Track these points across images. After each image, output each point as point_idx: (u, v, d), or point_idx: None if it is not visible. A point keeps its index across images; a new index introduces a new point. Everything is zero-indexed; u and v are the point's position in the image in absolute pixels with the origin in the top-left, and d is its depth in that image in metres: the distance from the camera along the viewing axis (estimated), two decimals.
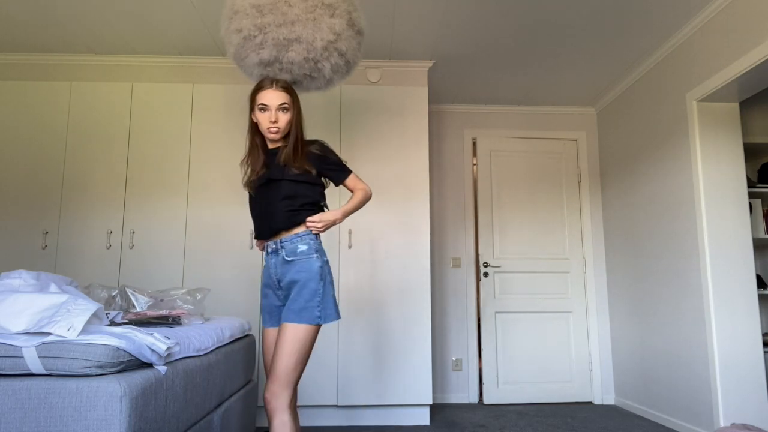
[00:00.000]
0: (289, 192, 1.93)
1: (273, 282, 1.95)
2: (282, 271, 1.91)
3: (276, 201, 1.92)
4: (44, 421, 1.33)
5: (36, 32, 3.32)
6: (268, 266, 1.97)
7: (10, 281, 1.78)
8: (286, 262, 1.90)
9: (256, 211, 2.00)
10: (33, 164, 3.49)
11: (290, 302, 1.85)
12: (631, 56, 3.60)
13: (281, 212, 1.92)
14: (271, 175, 1.94)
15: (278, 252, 1.93)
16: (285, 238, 1.92)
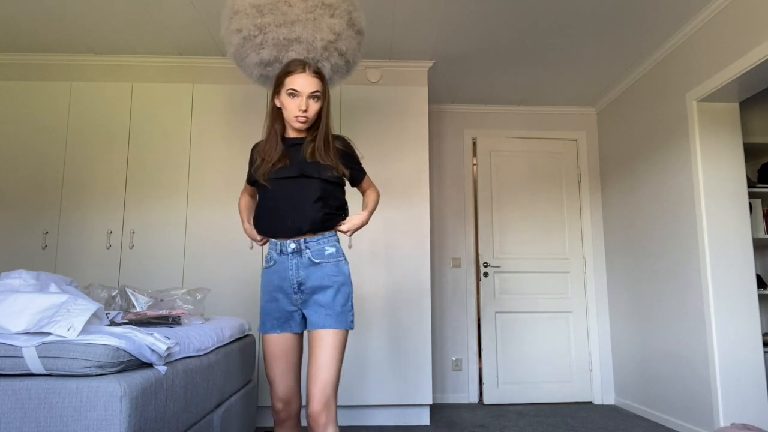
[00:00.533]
0: (323, 193, 1.79)
1: (290, 285, 1.77)
2: (306, 274, 1.76)
3: (308, 201, 1.77)
4: (44, 421, 1.33)
5: (36, 32, 3.32)
6: (284, 267, 1.78)
7: (10, 281, 1.78)
8: (312, 265, 1.76)
9: (273, 205, 1.80)
10: (33, 164, 3.49)
11: (326, 307, 1.73)
12: (631, 56, 3.60)
13: (315, 214, 1.76)
14: (303, 170, 1.78)
15: (302, 253, 1.77)
16: (310, 239, 1.78)
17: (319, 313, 1.73)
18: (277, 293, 1.80)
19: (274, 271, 1.81)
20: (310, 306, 1.76)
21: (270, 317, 1.81)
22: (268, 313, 1.81)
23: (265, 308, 1.82)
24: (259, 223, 1.86)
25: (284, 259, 1.78)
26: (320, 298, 1.74)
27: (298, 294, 1.77)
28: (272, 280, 1.81)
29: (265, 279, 1.84)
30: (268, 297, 1.82)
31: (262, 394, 3.30)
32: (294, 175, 1.78)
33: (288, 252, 1.78)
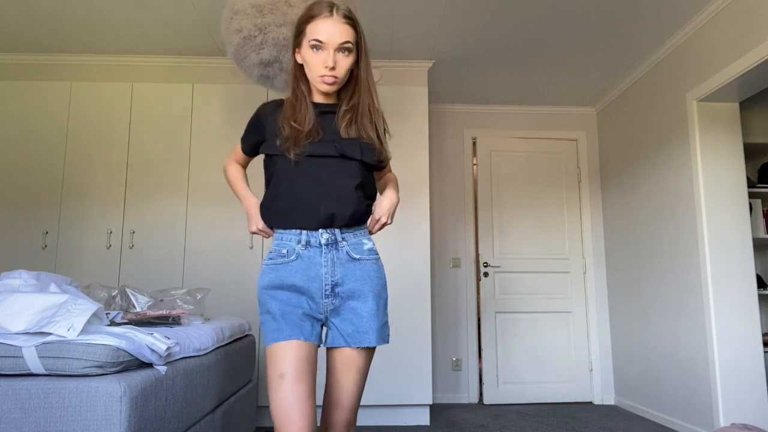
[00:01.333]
0: (364, 179, 1.46)
1: (320, 287, 1.39)
2: (343, 273, 1.41)
3: (348, 187, 1.42)
4: (44, 421, 1.33)
5: (36, 32, 3.32)
6: (313, 264, 1.40)
7: (10, 281, 1.78)
8: (351, 261, 1.43)
9: (301, 188, 1.41)
10: (33, 164, 3.49)
11: (367, 318, 1.40)
12: (631, 56, 3.60)
13: (359, 202, 1.43)
14: (343, 148, 1.42)
15: (338, 246, 1.42)
16: (347, 231, 1.44)
17: (358, 325, 1.40)
18: (296, 295, 1.39)
19: (295, 268, 1.40)
20: (343, 315, 1.41)
21: (289, 319, 1.36)
22: (285, 314, 1.37)
23: (280, 310, 1.37)
24: (276, 210, 1.45)
25: (313, 253, 1.40)
26: (359, 305, 1.41)
27: (330, 298, 1.40)
28: (290, 279, 1.39)
29: (276, 277, 1.40)
30: (282, 297, 1.39)
31: (261, 394, 3.30)
32: (331, 153, 1.42)
33: (318, 244, 1.40)
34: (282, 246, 1.43)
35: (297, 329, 1.35)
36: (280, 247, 1.43)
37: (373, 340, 1.41)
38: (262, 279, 1.42)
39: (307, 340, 1.35)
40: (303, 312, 1.38)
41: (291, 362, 1.31)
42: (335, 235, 1.42)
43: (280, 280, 1.40)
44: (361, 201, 1.44)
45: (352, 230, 1.46)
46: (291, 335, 1.34)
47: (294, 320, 1.36)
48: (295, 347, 1.33)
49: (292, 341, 1.33)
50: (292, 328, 1.35)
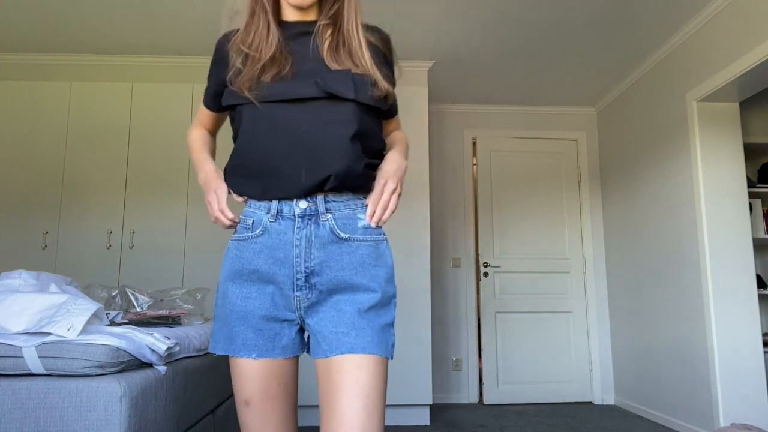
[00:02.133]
0: (362, 126, 1.06)
1: (289, 273, 1.03)
2: (324, 257, 1.03)
3: (341, 136, 1.03)
4: (44, 421, 1.33)
5: (36, 32, 3.32)
6: (282, 241, 1.04)
7: (10, 281, 1.78)
8: (336, 241, 1.04)
9: (279, 141, 1.03)
10: (33, 164, 3.49)
11: (354, 314, 1.02)
12: (631, 56, 3.60)
13: (355, 158, 1.04)
14: (326, 84, 1.02)
15: (318, 219, 1.04)
16: (335, 199, 1.06)
17: (338, 323, 1.02)
18: (261, 289, 1.05)
19: (260, 247, 1.05)
20: (325, 312, 1.04)
21: (238, 327, 1.04)
22: (232, 319, 1.05)
23: (229, 310, 1.06)
24: (239, 176, 1.09)
25: (284, 227, 1.04)
26: (344, 299, 1.04)
27: (303, 291, 1.03)
28: (252, 262, 1.05)
29: (237, 260, 1.07)
30: (236, 291, 1.05)
31: None
32: (312, 93, 1.03)
33: (292, 215, 1.04)
34: (248, 215, 1.08)
35: (250, 341, 1.04)
36: (247, 217, 1.09)
37: (362, 345, 0.98)
38: (224, 263, 1.09)
39: (263, 357, 1.03)
40: (263, 315, 1.04)
41: (254, 384, 1.04)
42: (317, 204, 1.04)
43: (241, 264, 1.06)
44: (358, 156, 1.04)
45: (342, 199, 1.06)
46: (239, 349, 1.04)
47: (244, 327, 1.04)
48: (257, 365, 1.03)
49: (241, 358, 1.04)
50: (242, 341, 1.04)
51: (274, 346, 1.05)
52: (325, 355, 1.01)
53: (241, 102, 1.06)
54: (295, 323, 1.08)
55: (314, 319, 1.05)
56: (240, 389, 1.05)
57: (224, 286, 1.08)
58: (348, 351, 0.99)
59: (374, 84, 1.07)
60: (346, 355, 0.99)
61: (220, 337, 1.07)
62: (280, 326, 1.06)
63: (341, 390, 0.97)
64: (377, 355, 1.00)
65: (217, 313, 1.09)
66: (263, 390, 1.04)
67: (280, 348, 1.06)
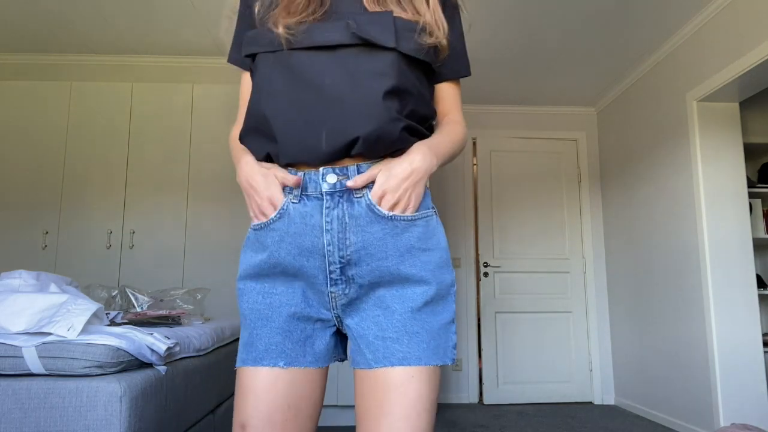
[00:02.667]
0: (402, 81, 0.85)
1: (320, 263, 0.85)
2: (363, 241, 0.84)
3: (374, 90, 0.83)
4: (44, 421, 1.33)
5: (36, 32, 3.32)
6: (309, 225, 0.84)
7: (10, 281, 1.78)
8: (377, 220, 0.84)
9: (298, 93, 0.85)
10: (33, 164, 3.49)
11: (406, 315, 0.83)
12: (631, 56, 3.60)
13: (389, 118, 0.83)
14: (361, 29, 0.83)
15: (351, 196, 0.84)
16: (368, 165, 0.86)
17: (385, 327, 0.83)
18: (286, 285, 0.87)
19: (279, 235, 0.86)
20: (368, 311, 0.86)
21: (260, 329, 0.86)
22: (252, 320, 0.87)
23: (248, 310, 0.88)
24: (252, 136, 0.90)
25: (310, 209, 0.85)
26: (392, 295, 0.85)
27: (340, 286, 0.85)
28: (273, 254, 0.86)
29: (255, 252, 0.89)
30: (257, 286, 0.88)
31: None
32: (342, 40, 0.84)
33: (319, 193, 0.84)
34: None
35: (276, 345, 0.85)
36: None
37: (416, 354, 0.81)
38: (242, 256, 0.91)
39: (293, 365, 0.84)
40: (292, 313, 0.86)
41: (257, 405, 0.82)
42: (348, 176, 0.84)
43: (259, 256, 0.88)
44: (393, 117, 0.83)
45: (377, 163, 0.86)
46: (261, 358, 0.84)
47: (269, 332, 0.85)
48: (267, 379, 0.83)
49: (263, 368, 0.84)
50: (265, 348, 0.85)
51: (305, 351, 0.86)
52: (369, 366, 0.83)
53: (261, 50, 0.88)
54: (330, 324, 0.89)
55: (355, 320, 0.86)
56: (239, 408, 0.82)
57: (242, 284, 0.90)
58: (399, 362, 0.81)
59: (424, 30, 0.86)
60: (395, 368, 0.81)
61: (240, 346, 0.88)
62: (313, 327, 0.87)
63: (385, 410, 0.79)
64: (433, 366, 0.82)
65: (241, 319, 0.90)
66: (264, 414, 0.81)
67: (312, 355, 0.86)
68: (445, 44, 0.90)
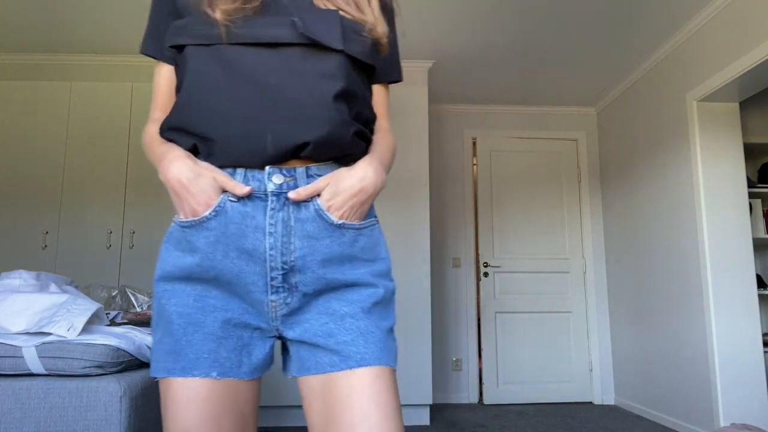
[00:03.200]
0: (350, 84, 0.82)
1: (260, 269, 0.78)
2: (309, 248, 0.78)
3: (323, 93, 0.79)
4: (44, 421, 1.33)
5: (36, 32, 3.32)
6: (248, 227, 0.77)
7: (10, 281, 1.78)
8: (324, 228, 0.79)
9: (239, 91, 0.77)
10: (33, 164, 3.49)
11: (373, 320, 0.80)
12: (631, 56, 3.60)
13: (340, 121, 0.80)
14: (308, 27, 0.78)
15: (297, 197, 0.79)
16: (320, 172, 0.81)
17: (348, 329, 0.78)
18: (220, 291, 0.79)
19: (210, 233, 0.78)
20: (314, 319, 0.80)
21: (190, 336, 0.77)
22: (180, 325, 0.77)
23: (174, 314, 0.78)
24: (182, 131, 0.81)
25: (251, 208, 0.78)
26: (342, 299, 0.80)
27: (281, 294, 0.79)
28: (204, 258, 0.78)
29: (183, 251, 0.79)
30: (187, 288, 0.79)
31: (262, 394, 3.30)
32: (287, 38, 0.78)
33: (263, 192, 0.78)
34: None
35: (208, 354, 0.76)
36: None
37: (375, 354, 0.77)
38: (162, 254, 0.81)
39: (227, 376, 0.77)
40: (227, 318, 0.78)
41: (191, 418, 0.74)
42: (296, 179, 0.78)
43: (188, 258, 0.78)
44: (345, 120, 0.80)
45: (328, 168, 0.81)
46: (189, 368, 0.75)
47: (206, 336, 0.77)
48: (198, 391, 0.75)
49: (193, 380, 0.75)
50: (195, 356, 0.76)
51: (240, 362, 0.77)
52: (324, 370, 0.76)
53: (193, 42, 0.79)
54: (270, 334, 0.81)
55: (297, 332, 0.80)
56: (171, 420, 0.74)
57: (166, 285, 0.79)
58: (358, 364, 0.75)
59: (367, 30, 0.83)
60: (356, 370, 0.75)
61: (160, 353, 0.77)
62: (251, 335, 0.79)
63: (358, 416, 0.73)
64: (391, 366, 0.78)
65: (157, 322, 0.79)
66: (215, 420, 0.75)
67: (249, 366, 0.78)
68: (385, 43, 0.87)
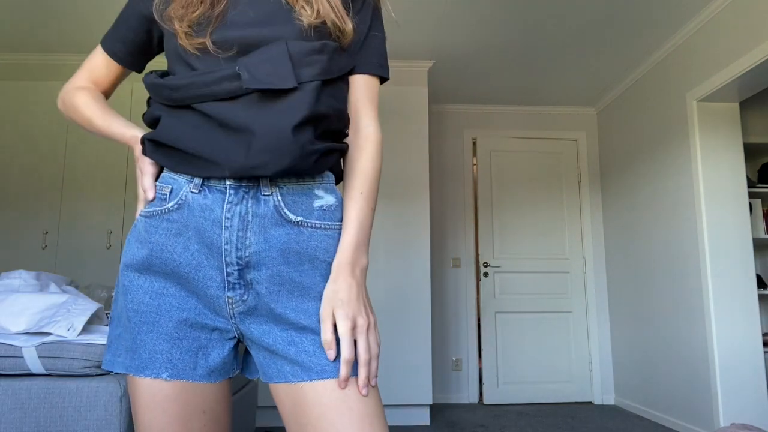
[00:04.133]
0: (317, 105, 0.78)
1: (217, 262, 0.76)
2: (264, 244, 0.76)
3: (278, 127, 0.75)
4: (44, 421, 1.33)
5: (36, 32, 3.32)
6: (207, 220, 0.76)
7: (10, 281, 1.78)
8: (282, 224, 0.77)
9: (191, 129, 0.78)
10: (33, 164, 3.49)
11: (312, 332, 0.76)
12: (631, 56, 3.60)
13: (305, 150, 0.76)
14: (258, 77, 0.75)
15: (258, 193, 0.77)
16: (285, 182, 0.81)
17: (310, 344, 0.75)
18: (177, 287, 0.78)
19: (171, 225, 0.78)
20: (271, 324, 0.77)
21: (144, 335, 0.77)
22: (136, 323, 0.77)
23: (131, 310, 0.77)
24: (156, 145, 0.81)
25: (210, 201, 0.77)
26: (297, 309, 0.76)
27: (238, 289, 0.77)
28: (164, 246, 0.78)
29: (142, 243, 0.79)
30: (144, 284, 0.78)
31: (262, 394, 3.30)
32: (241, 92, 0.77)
33: (223, 186, 0.77)
34: (166, 182, 0.80)
35: (161, 354, 0.75)
36: (164, 184, 0.80)
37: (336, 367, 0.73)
38: (126, 247, 0.81)
39: (180, 378, 0.75)
40: (183, 318, 0.77)
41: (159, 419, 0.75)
42: (258, 184, 0.77)
43: (149, 249, 0.77)
44: (306, 150, 0.76)
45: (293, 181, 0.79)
46: (146, 365, 0.75)
47: (160, 335, 0.76)
48: (170, 390, 0.75)
49: (145, 379, 0.75)
50: (151, 352, 0.75)
51: (196, 364, 0.76)
52: (287, 379, 0.74)
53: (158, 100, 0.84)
54: (230, 336, 0.79)
55: (256, 333, 0.77)
56: (146, 423, 0.75)
57: (125, 278, 0.78)
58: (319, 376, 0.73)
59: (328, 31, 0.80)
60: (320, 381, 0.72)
61: (119, 348, 0.77)
62: (208, 337, 0.77)
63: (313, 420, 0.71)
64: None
65: (115, 316, 0.80)
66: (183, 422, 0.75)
67: (206, 369, 0.77)
68: (349, 29, 0.81)
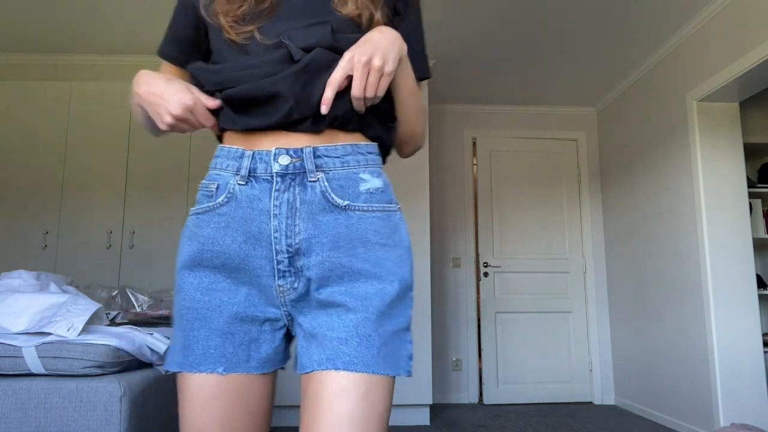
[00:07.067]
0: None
1: (267, 252, 0.77)
2: (314, 231, 0.77)
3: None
4: (44, 421, 1.33)
5: (36, 32, 3.32)
6: (255, 211, 0.77)
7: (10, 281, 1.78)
8: (331, 209, 0.77)
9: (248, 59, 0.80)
10: (33, 164, 3.49)
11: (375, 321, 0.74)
12: (631, 56, 3.60)
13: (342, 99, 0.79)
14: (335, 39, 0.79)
15: (304, 179, 0.77)
16: (327, 153, 0.78)
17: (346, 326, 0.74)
18: (228, 281, 0.78)
19: (222, 219, 0.78)
20: (320, 309, 0.77)
21: (197, 331, 0.77)
22: (189, 320, 0.78)
23: (184, 308, 0.79)
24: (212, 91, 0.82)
25: (257, 191, 0.77)
26: (346, 292, 0.76)
27: (288, 278, 0.77)
28: (215, 240, 0.78)
29: (192, 238, 0.80)
30: (195, 281, 0.79)
31: None
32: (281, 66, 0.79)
33: (269, 174, 0.77)
34: (212, 179, 0.81)
35: (214, 349, 0.76)
36: (209, 181, 0.81)
37: (364, 360, 0.72)
38: (180, 247, 0.81)
39: (234, 371, 0.76)
40: (234, 313, 0.77)
41: (212, 413, 0.75)
42: (303, 158, 0.77)
43: (200, 244, 0.78)
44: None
45: (337, 153, 0.79)
46: (199, 363, 0.76)
47: (208, 333, 0.76)
48: (206, 387, 0.75)
49: (201, 374, 0.76)
50: (202, 350, 0.76)
51: (249, 356, 0.77)
52: (313, 369, 0.73)
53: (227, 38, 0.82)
54: (280, 325, 0.80)
55: (307, 318, 0.77)
56: (185, 418, 0.75)
57: (179, 278, 0.79)
58: (344, 366, 0.72)
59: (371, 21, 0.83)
60: (339, 372, 0.71)
61: (176, 347, 0.78)
62: (259, 329, 0.78)
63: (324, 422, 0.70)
64: (382, 375, 0.72)
65: (174, 318, 0.81)
66: (224, 421, 0.75)
67: (258, 360, 0.78)
68: (379, 18, 0.85)
